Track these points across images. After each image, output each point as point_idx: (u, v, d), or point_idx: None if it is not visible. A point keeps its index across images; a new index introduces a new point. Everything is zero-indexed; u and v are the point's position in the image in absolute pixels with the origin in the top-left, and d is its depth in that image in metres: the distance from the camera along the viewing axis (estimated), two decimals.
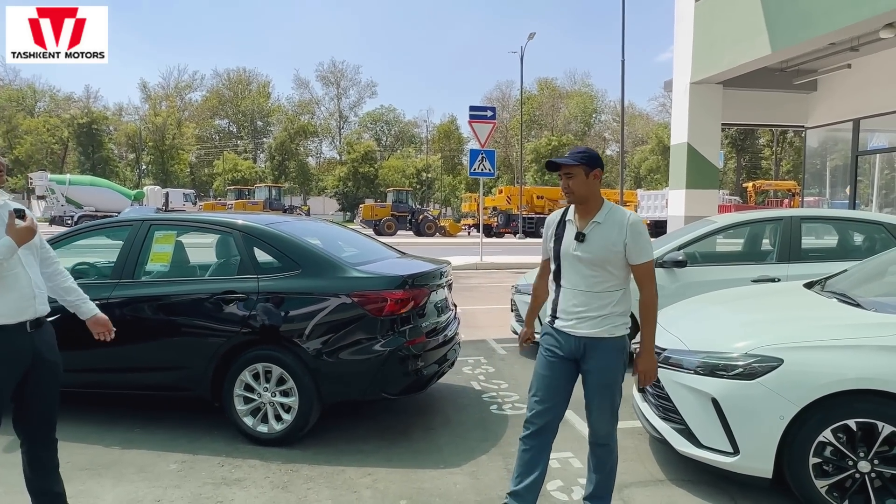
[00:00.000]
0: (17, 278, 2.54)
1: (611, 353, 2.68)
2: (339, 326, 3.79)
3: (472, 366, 5.86)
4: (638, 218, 2.71)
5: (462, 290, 11.23)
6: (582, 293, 2.68)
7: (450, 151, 69.58)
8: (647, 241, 2.66)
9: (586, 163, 2.66)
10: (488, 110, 15.14)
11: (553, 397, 2.81)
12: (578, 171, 2.66)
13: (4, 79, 66.79)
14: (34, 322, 2.59)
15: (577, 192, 2.68)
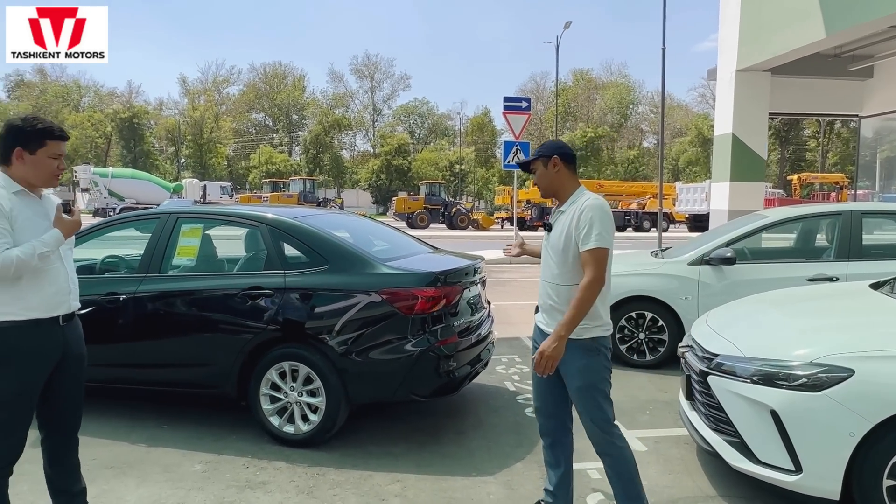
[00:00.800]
0: (56, 273, 2.51)
1: (579, 355, 2.54)
2: (368, 325, 3.63)
3: (506, 365, 5.66)
4: (595, 202, 2.52)
5: (494, 284, 11.02)
6: (549, 285, 2.63)
7: (483, 144, 69.12)
8: (595, 227, 2.46)
9: (543, 154, 2.63)
10: (523, 101, 14.81)
11: (544, 397, 2.77)
12: (537, 164, 2.65)
13: (52, 75, 69.05)
14: (66, 316, 2.55)
15: (540, 185, 2.66)
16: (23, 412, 2.47)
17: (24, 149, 2.42)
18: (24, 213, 2.42)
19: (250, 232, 4.27)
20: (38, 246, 2.37)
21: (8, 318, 2.37)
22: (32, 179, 2.47)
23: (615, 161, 66.29)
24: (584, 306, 2.46)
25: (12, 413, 2.44)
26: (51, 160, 2.47)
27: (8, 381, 2.40)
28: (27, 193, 2.47)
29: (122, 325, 3.99)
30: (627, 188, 38.26)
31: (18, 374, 2.42)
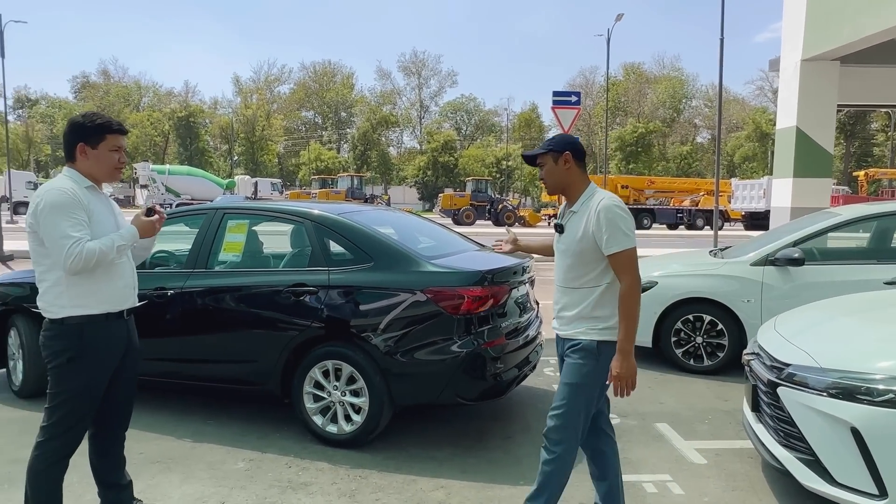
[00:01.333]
0: (124, 268, 2.60)
1: (578, 355, 2.47)
2: (412, 324, 3.53)
3: (555, 367, 5.45)
4: (611, 202, 2.40)
5: (541, 283, 10.76)
6: (561, 289, 2.57)
7: (530, 140, 68.38)
8: (618, 229, 2.36)
9: (553, 148, 2.50)
10: (572, 95, 14.43)
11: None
12: (547, 159, 2.52)
13: (115, 76, 72.08)
14: (129, 310, 2.64)
15: (548, 181, 2.54)
16: (87, 406, 2.52)
17: (86, 144, 2.49)
18: (96, 207, 2.50)
19: (295, 228, 4.23)
20: (117, 239, 2.45)
21: (84, 311, 2.44)
22: (96, 174, 2.54)
23: (667, 157, 64.46)
24: (634, 311, 2.38)
25: (77, 407, 2.49)
26: (112, 153, 2.54)
27: (79, 375, 2.45)
28: (95, 189, 2.55)
29: (170, 320, 4.01)
30: (679, 185, 37.09)
31: (89, 368, 2.47)
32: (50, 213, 2.35)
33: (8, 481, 3.23)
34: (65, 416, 2.48)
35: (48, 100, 73.80)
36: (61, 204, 2.36)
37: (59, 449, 2.50)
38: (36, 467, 2.50)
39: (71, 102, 71.20)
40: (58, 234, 2.33)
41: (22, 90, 73.06)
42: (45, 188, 2.45)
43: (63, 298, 2.42)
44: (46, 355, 2.48)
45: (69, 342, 2.44)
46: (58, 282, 2.43)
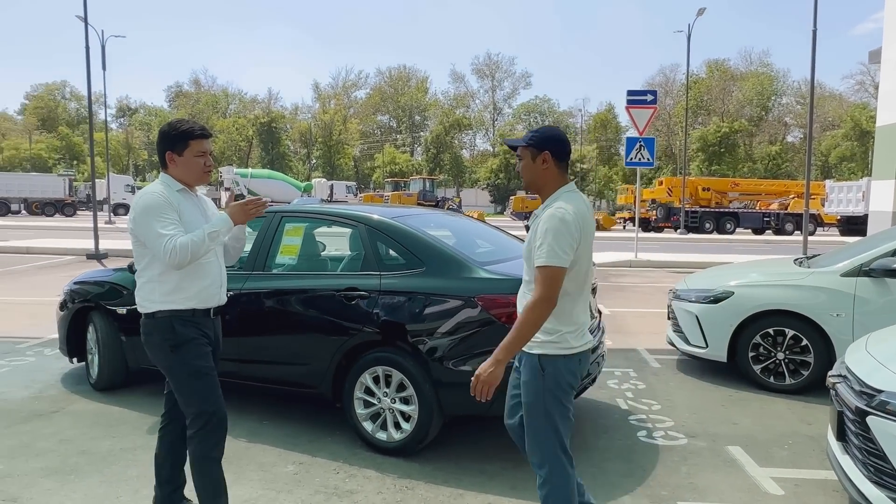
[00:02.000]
0: (211, 266, 2.67)
1: (527, 370, 2.31)
2: (463, 332, 3.41)
3: (619, 380, 5.19)
4: (556, 212, 2.21)
5: (612, 290, 10.39)
6: (521, 296, 2.40)
7: (606, 141, 66.71)
8: (550, 241, 2.17)
9: (534, 144, 2.32)
10: (648, 94, 13.89)
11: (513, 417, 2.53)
12: (525, 153, 2.35)
13: (205, 85, 76.40)
14: (216, 309, 2.73)
15: (524, 177, 2.39)
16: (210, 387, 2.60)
17: (173, 151, 2.61)
18: (188, 209, 2.60)
19: (350, 232, 4.22)
20: (207, 228, 2.51)
21: (172, 307, 2.56)
22: (186, 179, 2.65)
23: (753, 157, 61.03)
24: (526, 329, 2.19)
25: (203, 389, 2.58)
26: (197, 158, 2.63)
27: (186, 361, 2.57)
28: (187, 191, 2.65)
29: (229, 321, 4.05)
30: (767, 187, 34.96)
31: (193, 352, 2.57)
32: (144, 216, 2.50)
33: (75, 472, 3.37)
34: (202, 396, 2.57)
35: (146, 108, 79.19)
36: (153, 206, 2.50)
37: (215, 429, 2.59)
38: (197, 456, 2.60)
39: (165, 110, 76.12)
40: (153, 235, 2.47)
41: (124, 100, 78.86)
42: (139, 194, 2.59)
43: (155, 294, 2.57)
44: (151, 352, 2.63)
45: (165, 334, 2.56)
46: (151, 279, 2.58)
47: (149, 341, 2.62)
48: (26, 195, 41.82)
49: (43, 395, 4.64)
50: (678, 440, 3.90)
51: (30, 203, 41.83)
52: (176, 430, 2.79)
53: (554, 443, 2.31)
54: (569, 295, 2.28)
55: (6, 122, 79.30)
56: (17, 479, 3.28)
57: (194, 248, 2.46)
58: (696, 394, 4.87)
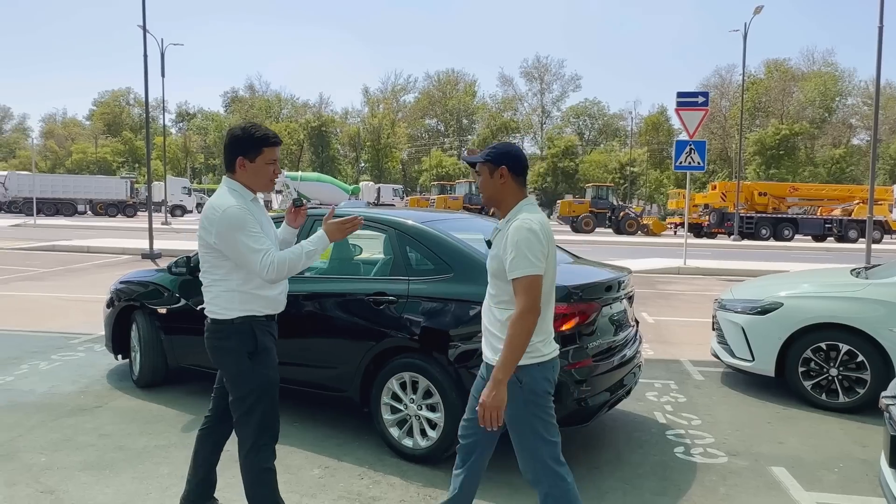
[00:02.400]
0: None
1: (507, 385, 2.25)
2: None
3: (659, 392, 5.00)
4: (522, 223, 2.24)
5: (657, 297, 10.09)
6: (486, 308, 2.43)
7: (658, 144, 65.11)
8: (521, 253, 2.20)
9: (491, 159, 2.37)
10: (699, 96, 13.46)
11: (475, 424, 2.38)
12: (483, 169, 2.40)
13: (259, 91, 78.67)
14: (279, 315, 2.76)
15: (483, 193, 2.45)
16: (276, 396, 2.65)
17: (245, 157, 2.55)
18: (261, 218, 2.59)
19: (381, 236, 4.21)
20: (306, 245, 2.53)
21: (251, 314, 2.56)
22: (254, 185, 2.61)
23: (815, 161, 58.36)
24: (518, 342, 2.19)
25: (270, 399, 2.60)
26: (268, 166, 2.60)
27: (264, 367, 2.58)
28: (256, 201, 2.63)
29: None
30: (829, 192, 33.32)
31: (266, 360, 2.59)
32: (231, 232, 2.43)
33: (110, 467, 3.47)
34: (266, 411, 2.57)
35: (203, 113, 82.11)
36: (240, 222, 2.44)
37: (270, 443, 2.60)
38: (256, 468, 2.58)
39: (221, 115, 78.70)
40: (245, 249, 2.43)
41: (183, 106, 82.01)
42: (219, 206, 2.48)
43: (234, 303, 2.53)
44: (222, 356, 2.57)
45: (245, 339, 2.54)
46: (230, 289, 2.53)
47: (222, 346, 2.56)
48: (91, 196, 43.98)
49: (88, 390, 4.81)
50: (718, 458, 3.72)
51: (94, 204, 43.96)
52: (222, 432, 2.82)
53: (544, 454, 2.29)
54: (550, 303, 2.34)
55: (76, 127, 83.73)
56: (56, 471, 3.39)
57: (291, 265, 2.48)
58: (741, 409, 4.64)
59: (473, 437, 2.48)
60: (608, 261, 5.00)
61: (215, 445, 2.86)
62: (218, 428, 2.82)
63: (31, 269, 12.56)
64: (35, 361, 5.59)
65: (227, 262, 2.51)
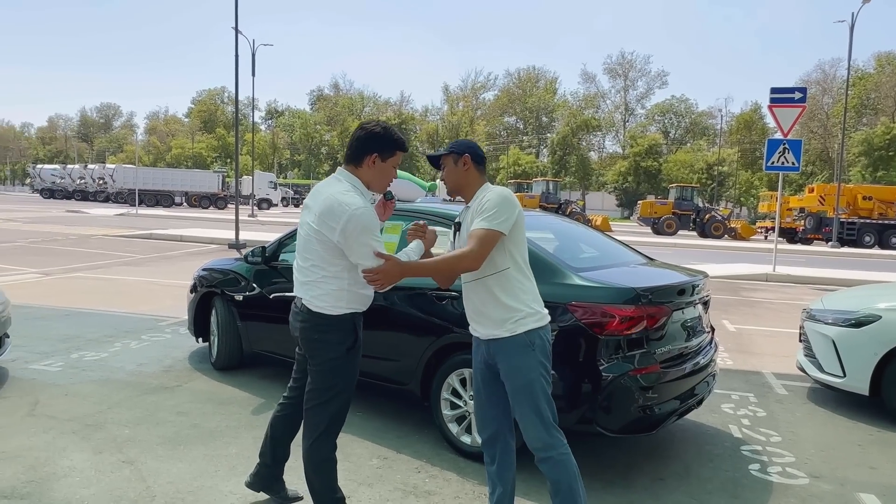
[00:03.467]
0: None
1: (513, 352, 2.44)
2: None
3: (736, 404, 4.72)
4: (500, 190, 2.49)
5: (741, 305, 9.55)
6: (469, 284, 2.54)
7: (750, 144, 61.65)
8: (493, 210, 2.39)
9: (454, 150, 2.61)
10: (796, 92, 12.59)
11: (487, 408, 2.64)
12: (447, 160, 2.62)
13: (343, 89, 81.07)
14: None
15: (448, 181, 2.64)
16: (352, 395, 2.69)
17: (379, 155, 2.58)
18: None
19: (447, 230, 4.20)
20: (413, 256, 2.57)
21: (355, 310, 2.60)
22: (373, 184, 2.63)
23: None
24: (442, 267, 2.45)
25: (349, 395, 2.66)
26: (393, 169, 2.67)
27: (353, 364, 2.63)
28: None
29: None
30: None
31: (357, 356, 2.65)
32: (362, 234, 2.42)
33: (184, 443, 3.66)
34: (342, 406, 2.63)
35: (290, 111, 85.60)
36: (371, 225, 2.45)
37: (334, 436, 2.66)
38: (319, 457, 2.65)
39: (307, 113, 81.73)
40: (370, 253, 2.42)
41: (272, 104, 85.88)
42: (348, 204, 2.44)
43: (342, 301, 2.55)
44: (321, 349, 2.57)
45: (346, 334, 2.57)
46: (341, 287, 2.54)
47: (323, 339, 2.57)
48: (187, 189, 46.92)
49: (171, 370, 5.12)
50: (798, 479, 3.45)
51: (190, 196, 46.88)
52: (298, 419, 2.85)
53: (551, 417, 2.43)
54: (527, 278, 2.53)
55: (175, 124, 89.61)
56: (136, 443, 3.63)
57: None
58: (828, 429, 4.29)
59: (491, 427, 2.62)
60: (690, 265, 4.76)
61: (291, 430, 2.94)
62: (295, 414, 2.87)
63: (130, 255, 13.54)
64: (127, 341, 6.01)
65: (343, 260, 2.49)
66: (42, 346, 5.63)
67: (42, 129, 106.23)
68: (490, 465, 2.68)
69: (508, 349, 2.45)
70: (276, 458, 3.00)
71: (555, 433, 2.44)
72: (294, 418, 2.91)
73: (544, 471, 2.46)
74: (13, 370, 4.92)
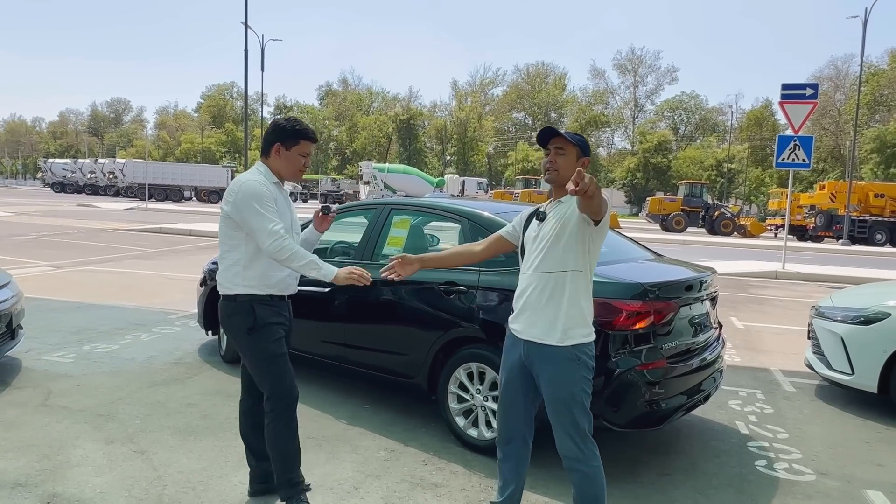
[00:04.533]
0: None
1: (559, 363, 2.37)
2: None
3: (743, 401, 4.72)
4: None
5: (749, 302, 9.51)
6: (534, 276, 2.44)
7: (760, 140, 61.22)
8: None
9: (581, 145, 2.43)
10: (807, 88, 12.50)
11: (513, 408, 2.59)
12: (572, 151, 2.43)
13: (352, 85, 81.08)
14: (291, 296, 2.94)
15: (561, 172, 2.42)
16: (287, 366, 2.80)
17: (282, 144, 2.77)
18: (280, 201, 2.77)
19: (454, 226, 4.22)
20: (314, 266, 2.65)
21: (249, 291, 2.74)
22: (283, 172, 2.82)
23: None
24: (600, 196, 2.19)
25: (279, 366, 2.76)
26: (300, 157, 2.81)
27: (261, 343, 2.75)
28: (279, 185, 2.82)
29: (338, 306, 4.28)
30: None
31: (271, 334, 2.75)
32: (248, 201, 2.63)
33: (195, 434, 3.71)
34: (276, 379, 2.75)
35: (299, 106, 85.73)
36: (258, 194, 2.64)
37: (286, 410, 2.78)
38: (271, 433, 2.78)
39: (316, 108, 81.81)
40: (259, 220, 2.61)
41: (281, 99, 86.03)
42: (242, 180, 2.73)
43: (238, 279, 2.74)
44: (230, 333, 2.82)
45: (245, 316, 2.72)
46: (237, 262, 2.74)
47: (228, 323, 2.78)
48: (196, 184, 47.17)
49: (181, 362, 5.17)
50: (804, 475, 3.46)
51: (199, 191, 47.14)
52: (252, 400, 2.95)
53: (588, 429, 2.41)
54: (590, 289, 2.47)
55: (185, 119, 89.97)
56: (148, 434, 3.68)
57: (292, 257, 2.63)
58: (835, 426, 4.29)
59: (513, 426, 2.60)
60: (698, 261, 4.76)
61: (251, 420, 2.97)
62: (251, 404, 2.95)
63: (140, 248, 13.65)
64: (138, 333, 6.07)
65: (239, 233, 2.70)
66: (54, 338, 5.71)
67: (53, 123, 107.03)
68: (504, 462, 2.65)
69: (553, 359, 2.38)
70: (253, 453, 3.01)
71: (589, 446, 2.40)
72: (254, 409, 2.94)
73: (573, 479, 2.43)
74: (26, 361, 4.99)
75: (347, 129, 72.93)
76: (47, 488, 2.97)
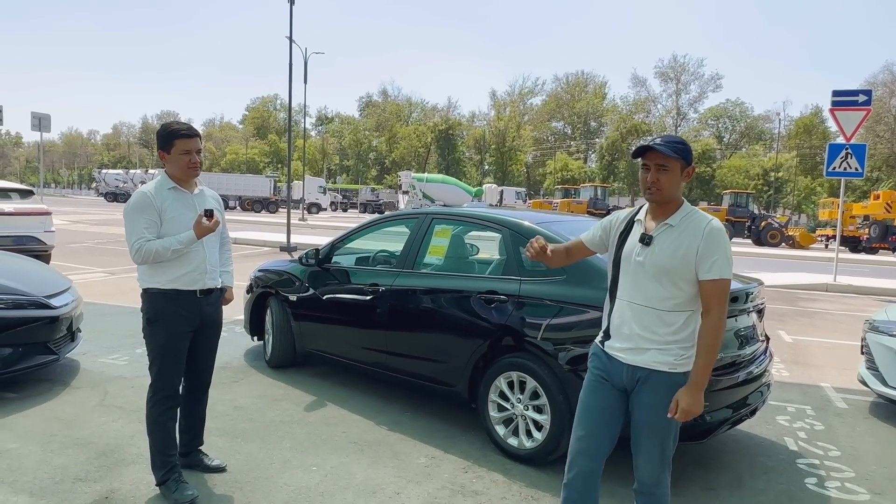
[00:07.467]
0: (195, 255, 3.01)
1: (665, 390, 2.23)
2: None
3: (792, 417, 4.58)
4: (720, 226, 2.19)
5: (798, 315, 9.22)
6: (639, 309, 2.25)
7: (810, 149, 59.25)
8: (724, 255, 2.15)
9: (684, 157, 2.19)
10: (860, 94, 12.10)
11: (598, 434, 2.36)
12: (675, 165, 2.19)
13: (392, 95, 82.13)
14: (204, 291, 3.06)
15: (665, 191, 2.20)
16: (171, 362, 2.99)
17: (163, 150, 2.95)
18: (174, 206, 2.94)
19: (494, 235, 4.26)
20: (174, 243, 2.86)
21: (155, 286, 2.95)
22: (176, 174, 2.97)
23: None
24: (717, 348, 2.16)
25: (164, 362, 2.97)
26: (182, 156, 2.93)
27: (157, 335, 2.96)
28: (179, 189, 2.99)
29: (380, 313, 4.35)
30: None
31: (164, 330, 2.95)
32: (128, 211, 2.90)
33: (241, 436, 3.82)
34: (160, 371, 2.96)
35: (340, 117, 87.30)
36: (136, 205, 2.87)
37: (163, 401, 2.98)
38: (149, 418, 3.00)
39: (356, 119, 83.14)
40: (129, 229, 2.87)
41: (322, 110, 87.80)
42: (138, 189, 2.97)
43: (146, 274, 2.98)
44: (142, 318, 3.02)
45: (148, 307, 2.97)
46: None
47: (142, 310, 3.00)
48: (240, 193, 48.37)
49: (228, 367, 5.33)
50: (857, 494, 3.34)
51: (243, 200, 48.31)
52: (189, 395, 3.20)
53: (670, 456, 2.34)
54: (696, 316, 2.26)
55: (230, 131, 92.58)
56: None
57: (157, 254, 2.84)
58: (891, 444, 4.12)
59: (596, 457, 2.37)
60: (744, 273, 4.66)
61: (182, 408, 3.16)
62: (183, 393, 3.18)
63: None
64: None
65: None
66: (109, 341, 5.95)
67: (107, 135, 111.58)
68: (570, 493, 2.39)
69: (662, 385, 2.22)
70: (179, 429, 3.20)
71: (668, 473, 2.33)
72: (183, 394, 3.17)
73: (638, 502, 2.40)
74: (84, 363, 5.22)
75: (387, 140, 73.82)
76: (105, 484, 3.11)
